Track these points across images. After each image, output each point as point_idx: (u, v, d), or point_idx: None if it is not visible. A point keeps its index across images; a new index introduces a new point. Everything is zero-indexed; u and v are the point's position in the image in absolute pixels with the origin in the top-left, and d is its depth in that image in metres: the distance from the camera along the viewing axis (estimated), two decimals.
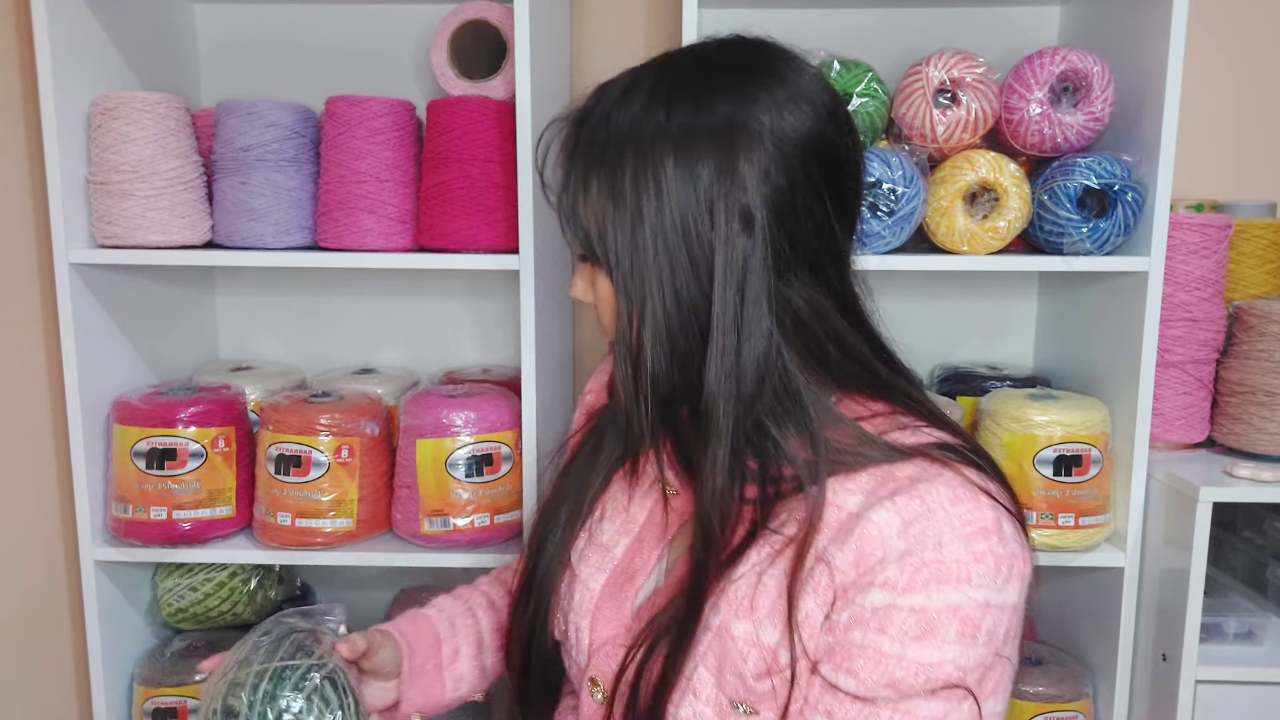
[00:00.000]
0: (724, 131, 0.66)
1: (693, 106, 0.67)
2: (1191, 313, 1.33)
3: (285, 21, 1.55)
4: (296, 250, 1.31)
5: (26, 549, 1.36)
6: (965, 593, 0.62)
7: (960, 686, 0.62)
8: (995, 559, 0.63)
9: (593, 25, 1.57)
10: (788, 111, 0.67)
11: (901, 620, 0.63)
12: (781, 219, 0.66)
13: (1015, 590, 0.65)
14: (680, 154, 0.65)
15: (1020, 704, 1.32)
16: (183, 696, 1.35)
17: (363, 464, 1.29)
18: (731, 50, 0.72)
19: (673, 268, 0.66)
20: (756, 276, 0.66)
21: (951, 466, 0.66)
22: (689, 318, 0.67)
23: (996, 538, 0.64)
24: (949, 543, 0.63)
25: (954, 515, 0.64)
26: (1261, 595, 1.36)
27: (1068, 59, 1.24)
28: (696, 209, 0.65)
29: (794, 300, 0.68)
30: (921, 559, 0.63)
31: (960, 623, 0.62)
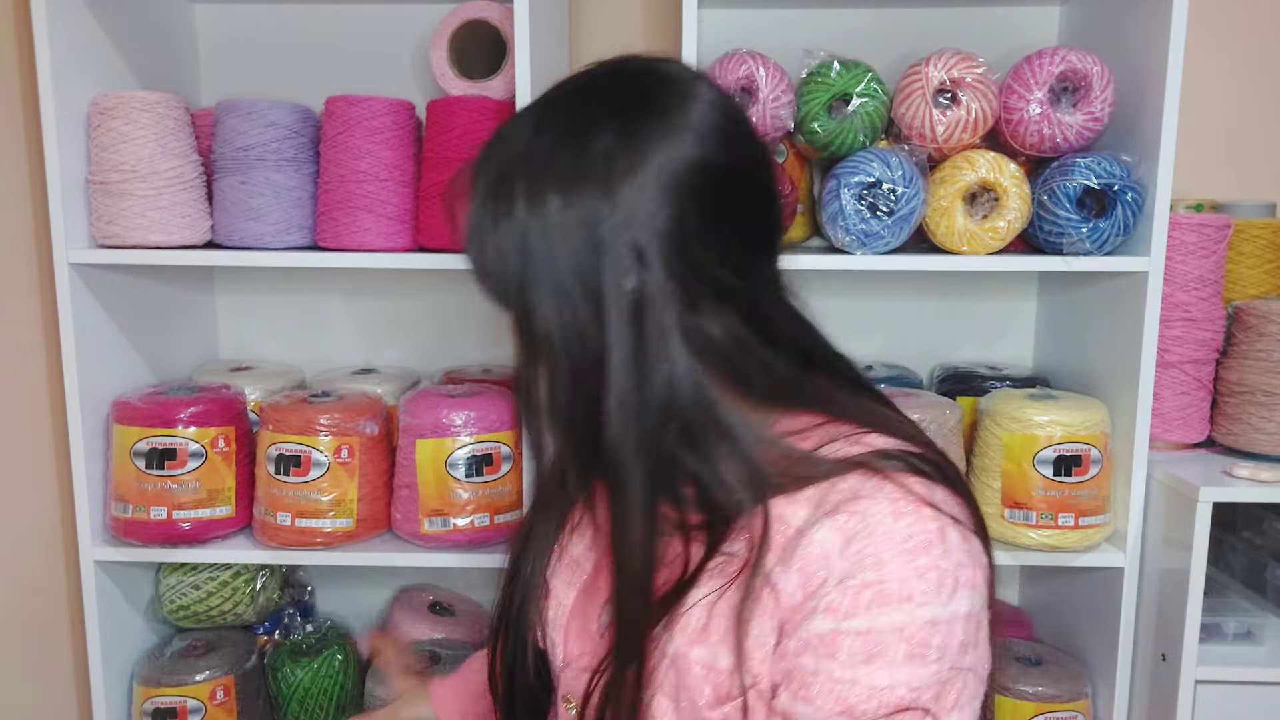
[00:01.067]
0: (606, 168, 0.63)
1: (573, 142, 0.65)
2: (1191, 313, 1.33)
3: (285, 21, 1.55)
4: (296, 250, 1.31)
5: (26, 549, 1.36)
6: (909, 612, 0.61)
7: (915, 708, 0.61)
8: (939, 573, 0.62)
9: (593, 25, 1.57)
10: (670, 143, 0.64)
11: (849, 644, 0.61)
12: (678, 252, 0.64)
13: (965, 600, 0.63)
14: (566, 193, 0.63)
15: (1020, 704, 1.32)
16: (182, 696, 1.35)
17: (362, 464, 1.29)
18: (614, 81, 0.69)
19: (568, 310, 0.64)
20: (657, 311, 0.63)
21: (891, 478, 0.65)
22: (590, 361, 0.64)
23: (940, 550, 0.63)
24: (889, 560, 0.62)
25: (894, 530, 0.62)
26: (1261, 595, 1.36)
27: (1067, 59, 1.24)
28: (585, 248, 0.63)
29: (707, 328, 0.65)
30: (862, 580, 0.62)
31: (908, 643, 0.61)
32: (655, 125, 0.65)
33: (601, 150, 0.64)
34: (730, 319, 0.66)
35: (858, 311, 1.59)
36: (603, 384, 0.64)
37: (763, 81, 1.26)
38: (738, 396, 0.68)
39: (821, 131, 1.29)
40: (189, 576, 1.41)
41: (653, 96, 0.66)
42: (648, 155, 0.63)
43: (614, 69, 0.70)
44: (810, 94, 1.29)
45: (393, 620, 1.54)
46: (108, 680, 1.35)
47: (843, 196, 1.24)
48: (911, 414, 1.26)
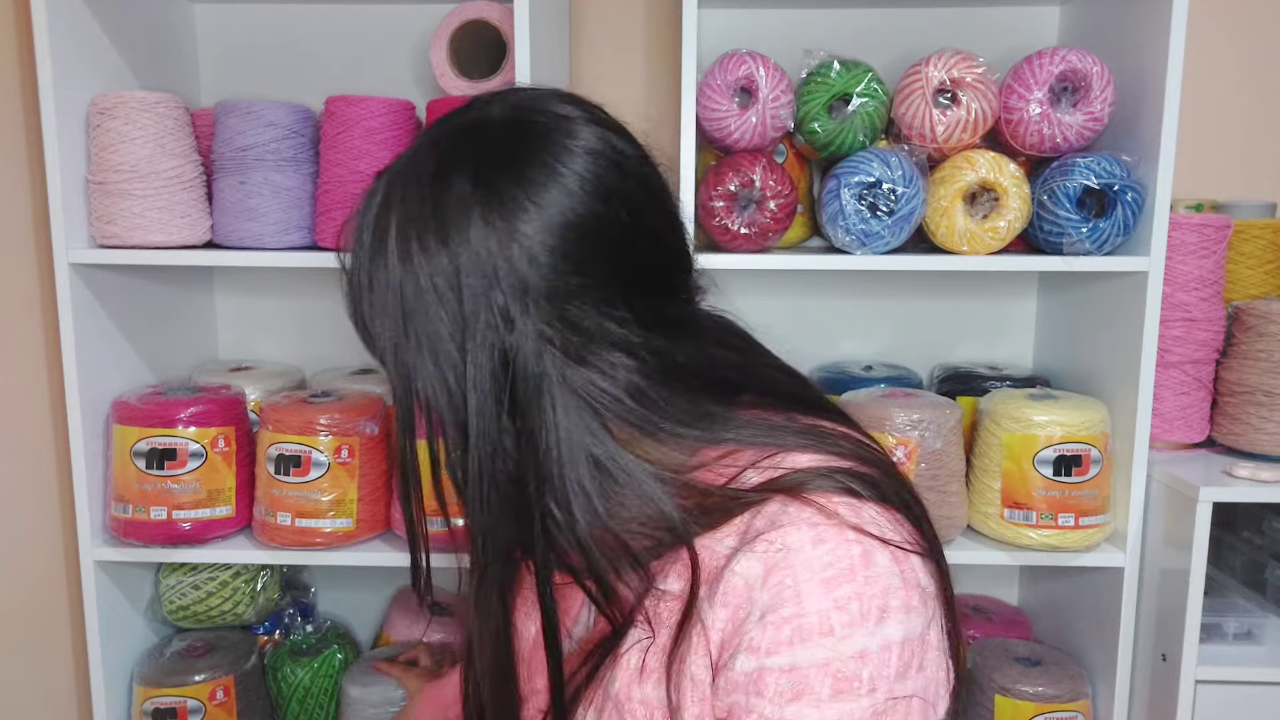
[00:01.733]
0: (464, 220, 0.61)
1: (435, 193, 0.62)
2: (1191, 313, 1.33)
3: (285, 21, 1.55)
4: (296, 250, 1.31)
5: (26, 549, 1.36)
6: (832, 646, 0.58)
7: None
8: (861, 601, 0.59)
9: (593, 25, 1.57)
10: (532, 198, 0.61)
11: (774, 681, 0.59)
12: (553, 307, 0.61)
13: (897, 625, 0.60)
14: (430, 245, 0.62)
15: (1020, 704, 1.32)
16: (182, 697, 1.35)
17: (362, 464, 1.29)
18: (481, 126, 0.65)
19: (445, 369, 0.63)
20: (529, 368, 0.61)
21: (812, 501, 0.62)
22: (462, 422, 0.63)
23: (863, 576, 0.59)
24: (808, 592, 0.59)
25: (814, 558, 0.60)
26: (1261, 595, 1.36)
27: (1067, 59, 1.24)
28: (452, 303, 0.61)
29: (596, 379, 0.62)
30: (781, 615, 0.59)
31: (833, 679, 0.58)
32: (513, 181, 0.61)
33: (458, 201, 0.61)
34: (622, 368, 0.63)
35: (858, 311, 1.59)
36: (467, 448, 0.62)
37: (763, 81, 1.26)
38: (646, 441, 0.65)
39: (821, 131, 1.29)
40: (189, 576, 1.41)
41: (516, 149, 0.63)
42: (507, 210, 0.61)
43: (483, 113, 0.66)
44: (810, 94, 1.29)
45: (391, 620, 1.54)
46: (108, 680, 1.35)
47: (843, 196, 1.24)
48: (911, 414, 1.27)
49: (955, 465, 1.29)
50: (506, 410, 0.62)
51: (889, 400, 1.30)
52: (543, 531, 0.64)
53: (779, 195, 1.29)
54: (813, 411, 0.72)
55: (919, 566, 0.63)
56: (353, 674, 1.39)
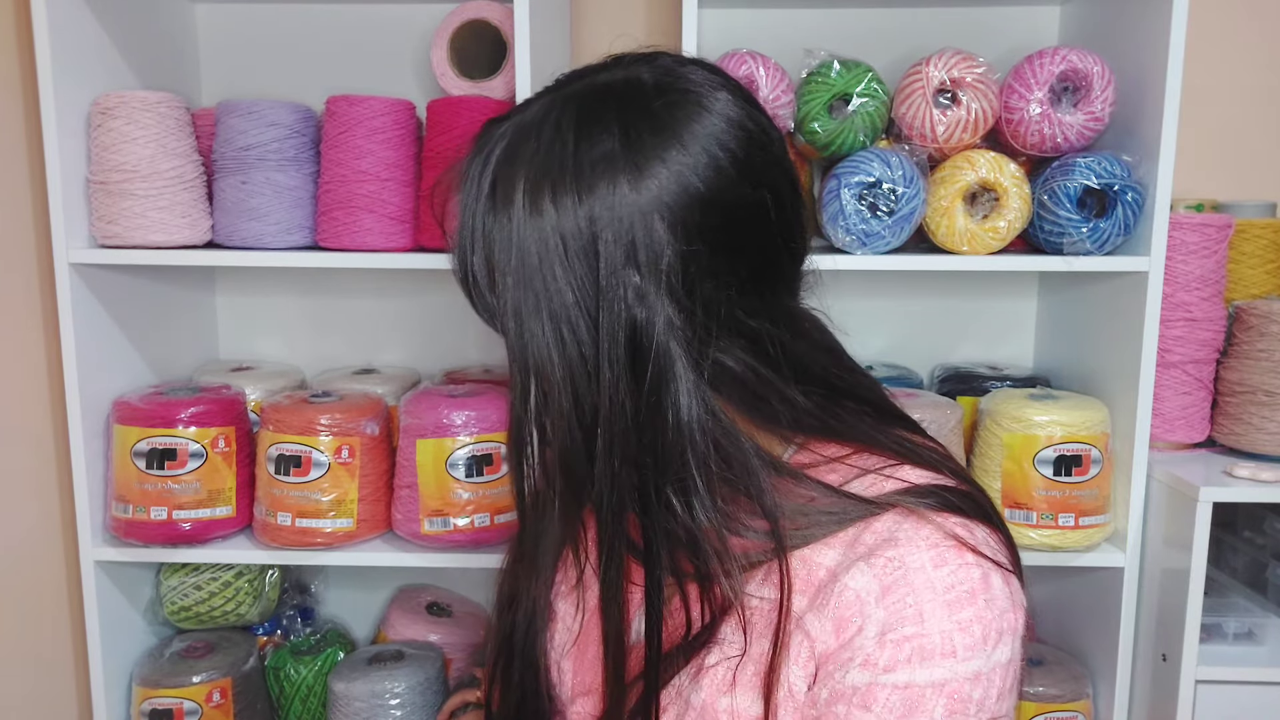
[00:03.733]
0: (610, 181, 0.58)
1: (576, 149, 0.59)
2: (1191, 313, 1.33)
3: (285, 21, 1.55)
4: (297, 250, 1.31)
5: (26, 549, 1.36)
6: (951, 668, 0.58)
7: None
8: (983, 625, 0.59)
9: (593, 25, 1.57)
10: (675, 166, 0.59)
11: (885, 698, 0.58)
12: (683, 282, 0.59)
13: (1008, 647, 0.60)
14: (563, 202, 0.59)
15: (1020, 704, 1.32)
16: (179, 698, 1.34)
17: (363, 464, 1.29)
18: (627, 86, 0.62)
19: (565, 332, 0.59)
20: (660, 342, 0.58)
21: (929, 519, 0.61)
22: (587, 393, 0.60)
23: (984, 600, 0.59)
24: (931, 614, 0.58)
25: (935, 580, 0.59)
26: (1261, 595, 1.36)
27: (1068, 59, 1.24)
28: (586, 278, 0.59)
29: (722, 360, 0.60)
30: (902, 634, 0.58)
31: (948, 699, 0.58)
32: (662, 145, 0.59)
33: (603, 159, 0.58)
34: (744, 353, 0.61)
35: (858, 311, 1.59)
36: (597, 420, 0.59)
37: (763, 81, 1.26)
38: (757, 431, 0.64)
39: (821, 131, 1.29)
40: (191, 577, 1.41)
41: (666, 114, 0.60)
42: (653, 174, 0.58)
43: (631, 73, 0.63)
44: (810, 94, 1.29)
45: (390, 620, 1.54)
46: (108, 680, 1.35)
47: (843, 196, 1.24)
48: (912, 414, 1.26)
49: None
50: (624, 385, 0.59)
51: None
52: (657, 520, 0.61)
53: None
54: (900, 423, 0.71)
55: (1019, 589, 0.62)
56: (339, 670, 1.38)
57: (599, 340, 0.59)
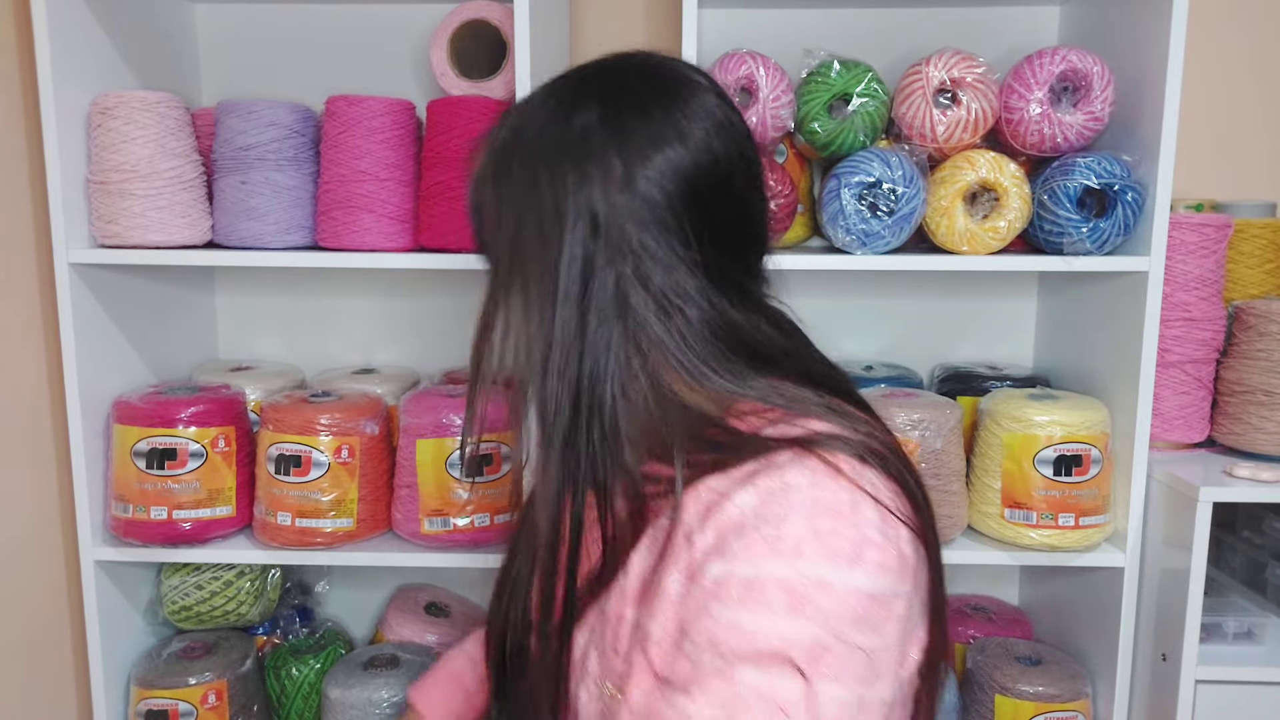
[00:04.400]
0: (582, 149, 0.67)
1: (561, 122, 0.69)
2: (1191, 312, 1.33)
3: (285, 21, 1.55)
4: (296, 250, 1.31)
5: (26, 549, 1.36)
6: (795, 565, 0.62)
7: (784, 657, 0.62)
8: (840, 539, 0.63)
9: (593, 25, 1.57)
10: (651, 141, 0.68)
11: (733, 589, 0.63)
12: (638, 243, 0.67)
13: (867, 576, 0.63)
14: (547, 166, 0.68)
15: (1020, 704, 1.32)
16: (175, 699, 1.34)
17: (363, 464, 1.29)
18: (613, 71, 0.73)
19: (532, 277, 0.68)
20: (604, 295, 0.67)
21: (819, 455, 0.66)
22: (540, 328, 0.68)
23: (848, 519, 0.63)
24: (792, 519, 0.63)
25: (808, 496, 0.64)
26: (1261, 595, 1.36)
27: (1068, 59, 1.24)
28: (552, 218, 0.67)
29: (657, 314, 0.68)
30: (761, 534, 0.63)
31: (788, 595, 0.62)
32: (638, 121, 0.68)
33: (580, 132, 0.67)
34: (681, 309, 0.68)
35: (858, 311, 1.59)
36: (550, 349, 0.67)
37: (763, 81, 1.26)
38: (682, 382, 0.69)
39: (821, 131, 1.29)
40: (192, 576, 1.41)
41: (645, 93, 0.69)
42: (625, 147, 0.67)
43: (618, 60, 0.73)
44: (810, 94, 1.29)
45: (388, 620, 1.54)
46: (108, 680, 1.35)
47: (843, 196, 1.24)
48: (912, 414, 1.27)
49: (956, 465, 1.29)
50: (572, 327, 0.67)
51: (889, 400, 1.30)
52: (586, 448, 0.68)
53: (779, 195, 1.28)
54: (841, 396, 0.75)
55: (906, 539, 0.66)
56: (334, 675, 1.38)
57: (560, 279, 0.67)
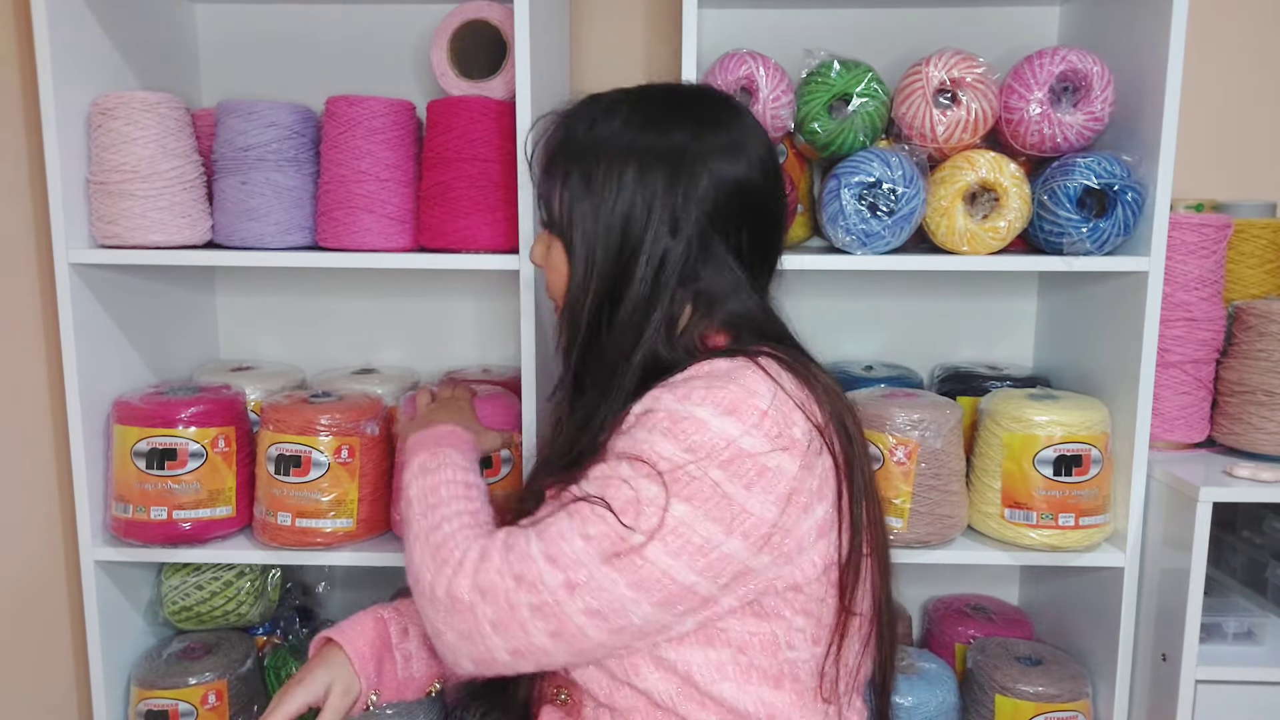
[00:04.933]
0: (675, 158, 0.84)
1: (656, 133, 0.85)
2: (1191, 312, 1.33)
3: (285, 21, 1.55)
4: (297, 250, 1.31)
5: (26, 549, 1.36)
6: (681, 406, 0.78)
7: (649, 464, 0.77)
8: (726, 394, 0.77)
9: (593, 25, 1.57)
10: (727, 157, 0.85)
11: (631, 420, 0.81)
12: (702, 233, 0.84)
13: (739, 427, 0.76)
14: (640, 167, 0.84)
15: (1020, 704, 1.32)
16: (175, 699, 1.34)
17: (363, 464, 1.29)
18: (697, 97, 0.92)
19: (616, 247, 0.84)
20: (670, 269, 0.84)
21: (743, 352, 0.82)
22: (618, 283, 0.85)
23: (739, 384, 0.78)
24: (697, 379, 0.79)
25: (717, 367, 0.80)
26: (1261, 595, 1.36)
27: (1068, 59, 1.24)
28: (641, 209, 0.84)
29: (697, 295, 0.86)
30: (671, 386, 0.80)
31: (669, 420, 0.77)
32: (720, 139, 0.85)
33: (678, 145, 0.84)
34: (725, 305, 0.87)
35: (858, 311, 1.59)
36: (616, 307, 0.85)
37: (763, 81, 1.26)
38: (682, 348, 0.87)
39: (821, 131, 1.29)
40: (192, 577, 1.41)
41: (725, 118, 0.88)
42: (707, 159, 0.84)
43: (695, 90, 0.96)
44: (810, 94, 1.29)
45: None
46: (108, 680, 1.35)
47: (843, 196, 1.24)
48: (912, 414, 1.27)
49: (956, 465, 1.29)
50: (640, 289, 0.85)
51: (889, 400, 1.30)
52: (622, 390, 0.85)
53: None
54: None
55: (800, 425, 0.79)
56: None
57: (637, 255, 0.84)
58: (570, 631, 0.78)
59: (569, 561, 0.77)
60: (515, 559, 0.79)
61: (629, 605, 0.77)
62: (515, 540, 0.81)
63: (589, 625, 0.78)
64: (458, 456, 0.96)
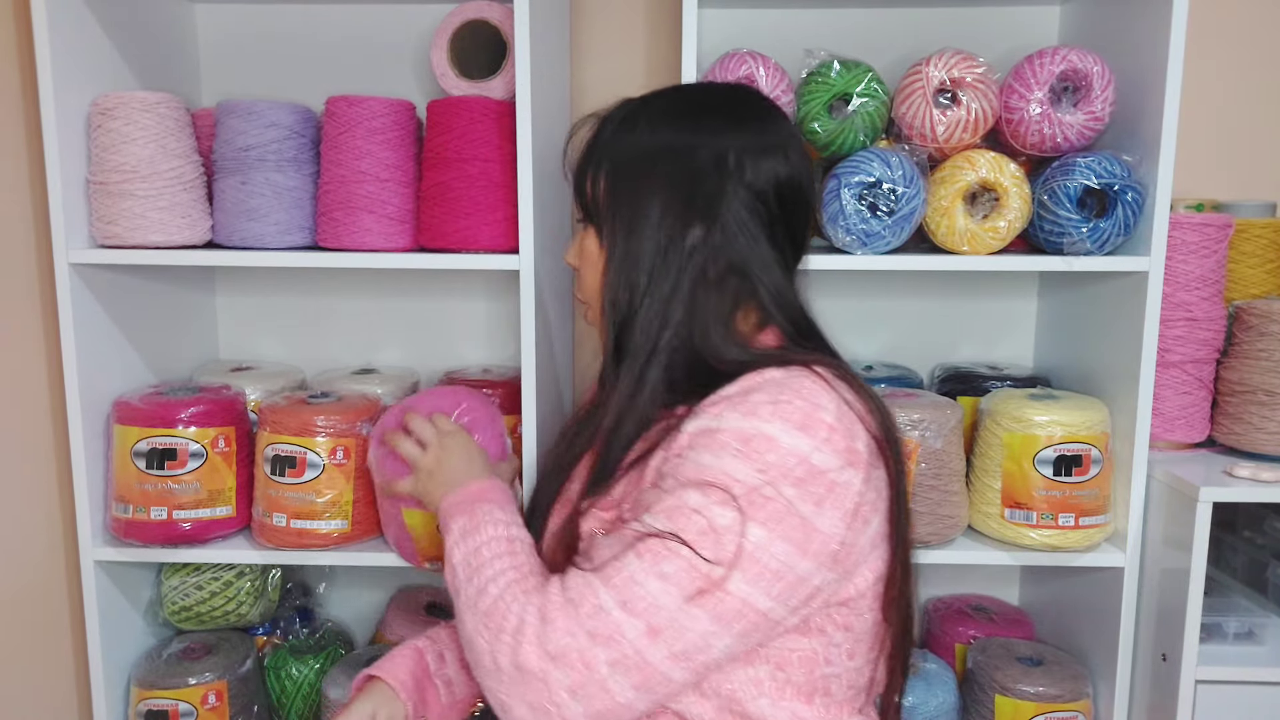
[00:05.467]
0: (714, 155, 0.84)
1: (694, 131, 0.86)
2: (1191, 312, 1.33)
3: (285, 21, 1.55)
4: (296, 250, 1.31)
5: (26, 549, 1.36)
6: (750, 422, 0.74)
7: (726, 490, 0.73)
8: (793, 408, 0.75)
9: (593, 25, 1.57)
10: (768, 152, 0.86)
11: (699, 438, 0.77)
12: (740, 225, 0.84)
13: (811, 444, 0.74)
14: (681, 160, 0.84)
15: (1021, 704, 1.32)
16: (175, 700, 1.34)
17: (359, 465, 1.28)
18: (734, 96, 0.92)
19: (652, 239, 0.84)
20: (702, 260, 0.84)
21: (797, 360, 0.80)
22: (654, 274, 0.84)
23: (805, 398, 0.76)
24: (758, 393, 0.76)
25: (778, 379, 0.78)
26: (1261, 595, 1.36)
27: (1068, 59, 1.24)
28: (679, 203, 0.84)
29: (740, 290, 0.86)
30: (731, 402, 0.77)
31: (742, 442, 0.74)
32: (760, 138, 0.86)
33: (718, 143, 0.85)
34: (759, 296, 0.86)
35: (858, 311, 1.59)
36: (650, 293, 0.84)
37: (763, 81, 1.26)
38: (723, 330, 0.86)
39: (822, 131, 1.29)
40: (192, 577, 1.41)
41: (760, 117, 0.89)
42: (750, 154, 0.85)
43: (732, 89, 0.96)
44: (810, 94, 1.29)
45: (388, 621, 1.54)
46: (108, 680, 1.34)
47: (843, 196, 1.24)
48: (912, 414, 1.27)
49: (956, 465, 1.29)
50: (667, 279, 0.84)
51: (889, 400, 1.30)
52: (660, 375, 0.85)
53: None
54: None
55: (861, 438, 0.78)
56: (334, 676, 1.38)
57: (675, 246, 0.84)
58: (655, 680, 0.74)
59: (647, 606, 0.72)
60: (585, 614, 0.74)
61: (711, 640, 0.74)
62: (578, 593, 0.75)
63: (674, 669, 0.74)
64: (497, 511, 0.90)
